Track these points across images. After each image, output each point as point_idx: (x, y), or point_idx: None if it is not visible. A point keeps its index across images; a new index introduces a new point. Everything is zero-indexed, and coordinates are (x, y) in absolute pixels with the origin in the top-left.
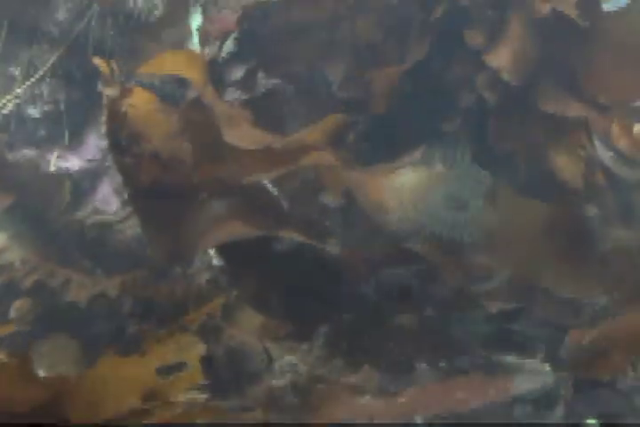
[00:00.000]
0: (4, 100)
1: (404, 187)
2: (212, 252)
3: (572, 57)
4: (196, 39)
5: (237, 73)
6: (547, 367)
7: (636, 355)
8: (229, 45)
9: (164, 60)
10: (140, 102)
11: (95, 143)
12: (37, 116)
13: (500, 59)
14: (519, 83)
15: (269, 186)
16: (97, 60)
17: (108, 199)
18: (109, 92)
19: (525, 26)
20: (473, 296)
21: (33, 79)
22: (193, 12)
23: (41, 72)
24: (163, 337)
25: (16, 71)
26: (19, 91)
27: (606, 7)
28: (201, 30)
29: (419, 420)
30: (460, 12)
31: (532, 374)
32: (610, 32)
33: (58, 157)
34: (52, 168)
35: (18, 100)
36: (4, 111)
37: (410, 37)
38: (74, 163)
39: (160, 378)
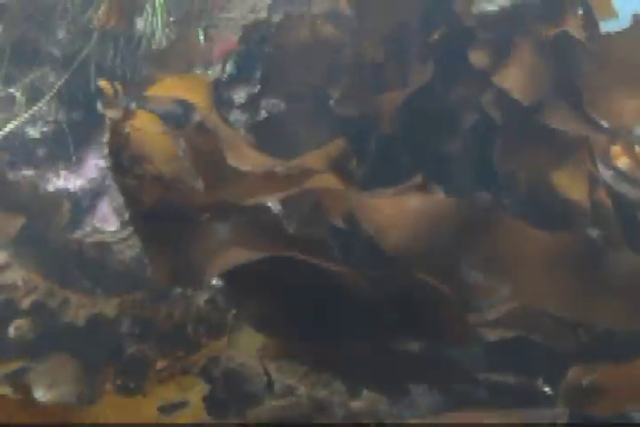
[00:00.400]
0: (10, 125)
1: (406, 211)
2: None
3: (577, 78)
4: None
5: (239, 94)
6: (548, 391)
7: (636, 400)
8: (231, 66)
9: (168, 83)
10: (142, 124)
11: (94, 163)
12: (37, 136)
13: (511, 79)
14: (530, 103)
15: (273, 207)
16: (102, 82)
17: (108, 219)
18: (112, 114)
19: (533, 46)
20: (472, 325)
21: (41, 103)
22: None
23: (48, 96)
24: (164, 378)
25: (17, 92)
26: (26, 115)
27: (605, 28)
28: (202, 52)
29: None
30: (464, 32)
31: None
32: (610, 55)
33: (57, 176)
34: (52, 188)
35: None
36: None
37: (412, 57)
38: (73, 182)
39: (162, 416)
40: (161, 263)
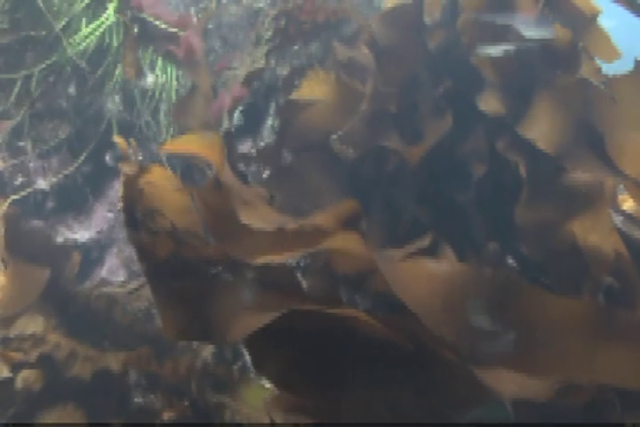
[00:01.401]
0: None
1: (418, 276)
2: None
3: (596, 123)
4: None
5: (246, 146)
6: None
7: None
8: (238, 118)
9: (183, 140)
10: (157, 180)
11: (103, 215)
12: (47, 187)
13: (535, 129)
14: (557, 152)
15: (287, 262)
16: (117, 139)
17: (116, 270)
18: (127, 169)
19: (553, 93)
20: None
21: (72, 168)
22: None
23: (80, 159)
24: None
25: (26, 145)
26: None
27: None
28: (213, 108)
29: None
30: (473, 78)
31: None
32: (620, 98)
33: (67, 228)
34: (61, 239)
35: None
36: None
37: (427, 106)
38: (82, 234)
39: None
40: (173, 318)
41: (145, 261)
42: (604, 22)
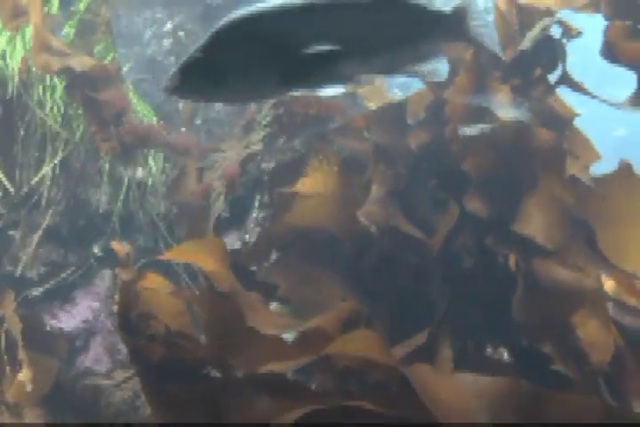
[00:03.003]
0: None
1: (440, 388)
2: None
3: (586, 218)
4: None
5: (232, 239)
6: None
7: None
8: (224, 211)
9: (184, 248)
10: (152, 285)
11: (88, 304)
12: (34, 277)
13: (532, 226)
14: (553, 247)
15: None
16: (115, 245)
17: (100, 359)
18: (124, 276)
19: (546, 191)
20: None
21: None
22: None
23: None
24: None
25: (16, 234)
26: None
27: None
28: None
29: None
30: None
31: None
32: (608, 195)
33: (52, 316)
34: (47, 328)
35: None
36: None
37: (426, 198)
38: (68, 323)
39: None
40: (168, 418)
41: (138, 365)
42: (617, 130)
